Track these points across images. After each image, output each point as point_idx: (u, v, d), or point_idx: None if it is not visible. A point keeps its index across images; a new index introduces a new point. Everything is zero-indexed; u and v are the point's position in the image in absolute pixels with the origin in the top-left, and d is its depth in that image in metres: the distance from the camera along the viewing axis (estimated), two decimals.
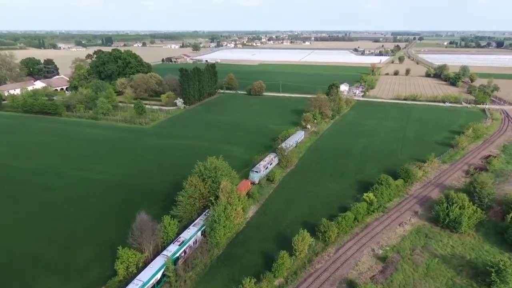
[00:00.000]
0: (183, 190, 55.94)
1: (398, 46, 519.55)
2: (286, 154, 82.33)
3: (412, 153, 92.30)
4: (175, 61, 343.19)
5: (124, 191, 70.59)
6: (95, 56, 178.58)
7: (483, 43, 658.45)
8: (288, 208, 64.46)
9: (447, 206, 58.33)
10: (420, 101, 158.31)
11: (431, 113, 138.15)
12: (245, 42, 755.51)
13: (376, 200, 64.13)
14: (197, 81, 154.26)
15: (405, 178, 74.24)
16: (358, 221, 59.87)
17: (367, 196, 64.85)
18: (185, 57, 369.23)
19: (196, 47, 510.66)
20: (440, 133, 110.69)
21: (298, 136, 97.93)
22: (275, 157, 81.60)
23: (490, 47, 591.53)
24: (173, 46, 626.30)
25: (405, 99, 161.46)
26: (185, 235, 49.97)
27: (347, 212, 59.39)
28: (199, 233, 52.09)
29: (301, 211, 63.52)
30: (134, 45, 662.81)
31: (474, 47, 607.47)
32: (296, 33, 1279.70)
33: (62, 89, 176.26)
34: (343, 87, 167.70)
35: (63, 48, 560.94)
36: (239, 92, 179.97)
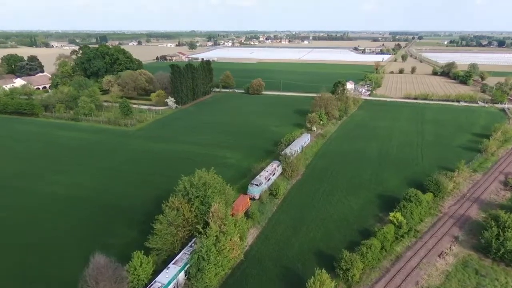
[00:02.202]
0: (162, 214, 43.09)
1: (399, 44, 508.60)
2: (291, 161, 69.73)
3: (435, 159, 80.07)
4: (169, 59, 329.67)
5: (95, 210, 57.67)
6: (80, 52, 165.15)
7: (484, 42, 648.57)
8: (296, 232, 51.88)
9: (499, 232, 46.16)
10: (432, 100, 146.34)
11: (446, 113, 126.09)
12: (242, 41, 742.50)
13: (405, 221, 51.82)
14: (191, 79, 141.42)
15: (435, 191, 61.93)
16: (386, 250, 47.40)
17: (393, 216, 52.55)
18: (180, 55, 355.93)
19: (192, 46, 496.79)
20: (462, 135, 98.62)
21: (304, 139, 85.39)
22: (278, 165, 68.96)
23: (491, 46, 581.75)
24: (169, 44, 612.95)
25: (415, 98, 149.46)
26: (162, 278, 37.15)
27: (371, 239, 46.95)
28: (182, 273, 39.38)
29: (312, 236, 50.96)
30: (129, 44, 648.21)
31: (475, 46, 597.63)
32: (293, 33, 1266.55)
33: (44, 87, 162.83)
34: (349, 86, 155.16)
35: (56, 47, 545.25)
36: (236, 90, 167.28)
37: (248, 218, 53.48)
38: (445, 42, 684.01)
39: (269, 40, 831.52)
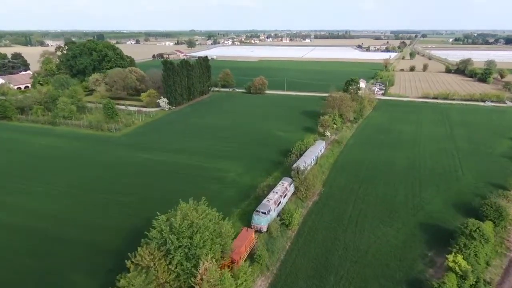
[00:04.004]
0: (126, 274, 28.69)
1: (404, 42, 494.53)
2: (305, 177, 55.34)
3: (478, 172, 65.74)
4: (167, 57, 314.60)
5: (45, 248, 43.33)
6: (66, 48, 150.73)
7: (490, 40, 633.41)
8: (320, 285, 37.55)
9: None
10: (454, 100, 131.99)
11: (473, 114, 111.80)
12: (243, 39, 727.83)
13: (470, 268, 37.54)
14: (186, 77, 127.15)
15: (495, 219, 47.61)
16: None
17: (453, 261, 38.32)
18: (178, 53, 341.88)
19: (191, 44, 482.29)
20: (501, 141, 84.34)
21: (319, 148, 70.96)
22: (290, 184, 54.60)
23: (498, 44, 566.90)
24: (167, 43, 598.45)
25: (435, 98, 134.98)
26: None
27: None
28: None
29: None
30: (127, 43, 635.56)
31: (481, 43, 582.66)
32: (294, 32, 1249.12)
33: (27, 86, 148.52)
34: (361, 84, 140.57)
35: (51, 45, 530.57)
36: (237, 90, 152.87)
37: (253, 262, 39.33)
38: (450, 40, 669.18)
39: (270, 39, 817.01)
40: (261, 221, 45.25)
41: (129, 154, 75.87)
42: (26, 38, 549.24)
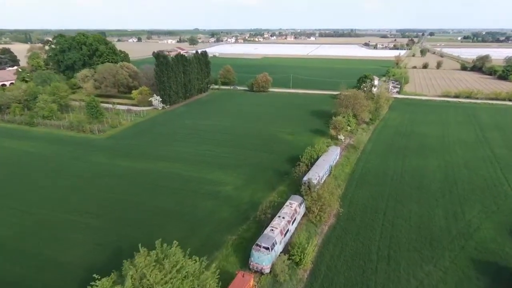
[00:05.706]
0: None
1: (412, 40, 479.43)
2: (318, 195, 43.75)
3: None
4: (168, 54, 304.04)
5: None
6: (54, 41, 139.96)
7: (501, 38, 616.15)
8: None
9: None
10: (477, 98, 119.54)
11: (504, 115, 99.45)
12: (246, 37, 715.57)
13: None
14: (182, 73, 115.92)
15: None
16: None
17: None
18: (179, 50, 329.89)
19: (193, 41, 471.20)
20: None
21: (333, 156, 59.23)
22: (300, 204, 42.98)
23: (510, 42, 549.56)
24: (169, 41, 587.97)
25: (456, 97, 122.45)
26: None
27: None
28: None
29: None
30: (129, 40, 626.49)
31: (491, 41, 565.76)
32: (298, 31, 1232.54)
33: (12, 83, 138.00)
34: (375, 81, 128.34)
35: None
36: (238, 87, 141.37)
37: None
38: (459, 38, 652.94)
39: (274, 37, 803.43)
40: (263, 259, 33.69)
41: (110, 162, 64.62)
42: (26, 36, 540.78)
